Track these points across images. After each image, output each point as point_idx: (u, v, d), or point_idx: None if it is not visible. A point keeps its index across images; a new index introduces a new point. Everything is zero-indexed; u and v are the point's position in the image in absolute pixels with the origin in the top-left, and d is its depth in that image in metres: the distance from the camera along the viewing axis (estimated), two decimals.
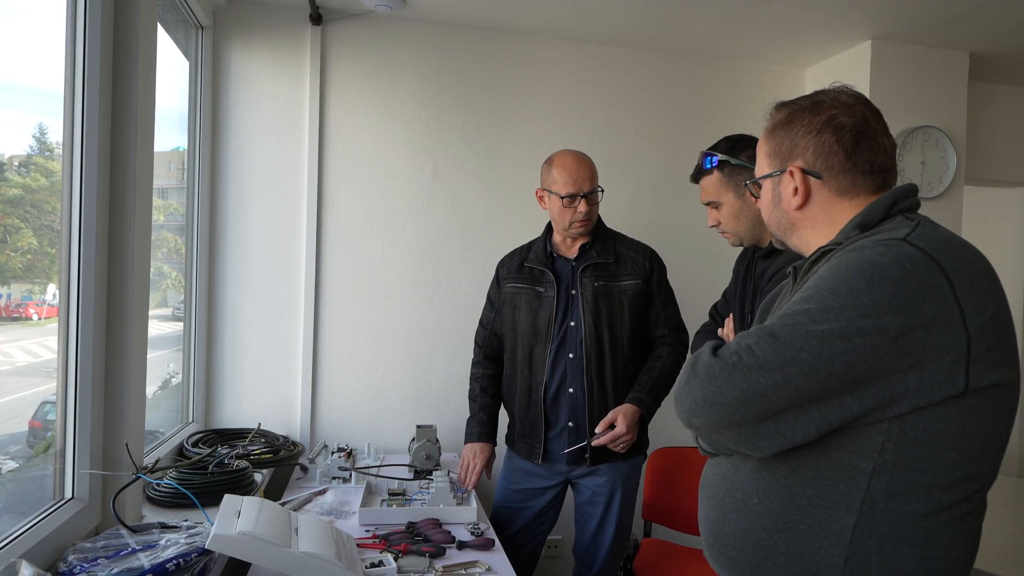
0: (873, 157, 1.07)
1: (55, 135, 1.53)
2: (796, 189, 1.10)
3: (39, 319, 1.56)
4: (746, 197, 1.66)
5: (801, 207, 1.11)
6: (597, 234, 2.16)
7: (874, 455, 0.94)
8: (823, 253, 1.05)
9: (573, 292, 2.12)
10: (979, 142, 3.29)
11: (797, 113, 1.12)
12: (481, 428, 2.25)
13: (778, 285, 1.26)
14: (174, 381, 2.55)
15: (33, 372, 1.62)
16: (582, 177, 2.06)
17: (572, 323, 2.10)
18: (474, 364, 2.36)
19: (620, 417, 2.00)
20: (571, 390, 2.09)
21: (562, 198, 2.06)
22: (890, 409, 0.92)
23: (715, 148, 1.71)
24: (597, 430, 2.01)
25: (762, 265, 1.69)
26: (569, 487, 2.24)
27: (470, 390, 2.33)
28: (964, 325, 0.90)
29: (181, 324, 2.57)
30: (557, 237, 2.20)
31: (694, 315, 3.04)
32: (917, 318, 0.89)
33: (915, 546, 0.94)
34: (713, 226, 1.76)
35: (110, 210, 1.59)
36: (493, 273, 2.36)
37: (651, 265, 2.16)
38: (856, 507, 0.95)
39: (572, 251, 2.17)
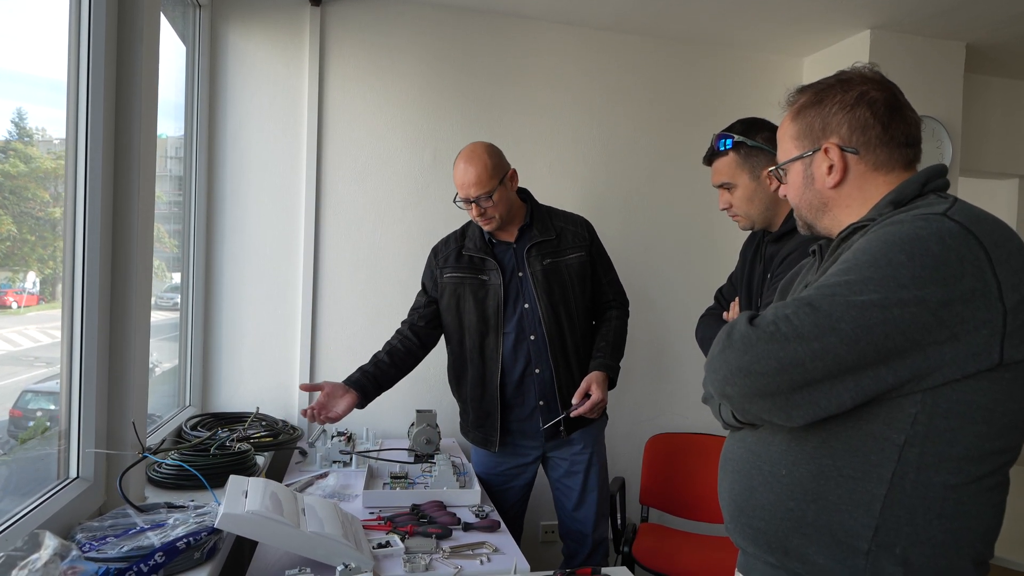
0: (907, 130, 1.08)
1: (34, 120, 1.51)
2: (831, 167, 1.10)
3: (18, 308, 1.53)
4: (761, 179, 1.66)
5: (837, 185, 1.11)
6: (533, 214, 2.17)
7: (906, 427, 0.95)
8: (855, 229, 1.05)
9: (520, 274, 2.12)
10: (972, 133, 3.32)
11: (826, 91, 1.12)
12: (360, 375, 2.13)
13: (798, 264, 1.26)
14: (158, 371, 2.53)
15: (13, 361, 1.59)
16: (467, 183, 2.04)
17: (527, 305, 2.11)
18: (395, 331, 2.30)
19: (594, 385, 2.04)
20: (538, 371, 2.11)
21: (456, 200, 2.09)
22: (924, 381, 0.93)
23: (730, 130, 1.70)
24: (574, 401, 2.04)
25: (772, 248, 1.69)
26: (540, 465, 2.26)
27: (380, 349, 2.25)
28: (1001, 299, 0.90)
29: (164, 313, 2.54)
30: None
31: (691, 302, 3.07)
32: (956, 291, 0.90)
33: (944, 517, 0.96)
34: (724, 209, 1.76)
35: (114, 194, 1.58)
36: None
37: (589, 235, 2.20)
38: (887, 478, 0.96)
39: (511, 234, 2.16)
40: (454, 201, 2.12)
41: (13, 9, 1.51)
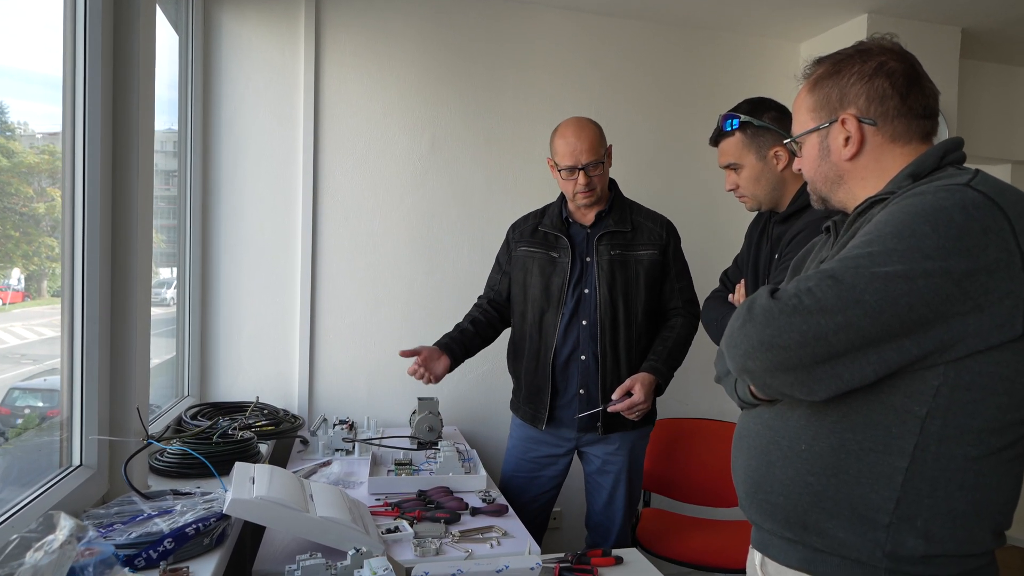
0: (925, 101, 1.07)
1: (16, 115, 1.48)
2: (848, 139, 1.09)
3: (3, 304, 1.50)
4: (768, 159, 1.65)
5: (853, 157, 1.10)
6: (614, 202, 2.13)
7: (928, 399, 0.94)
8: (873, 203, 1.04)
9: (588, 259, 2.09)
10: (966, 119, 3.33)
11: (845, 62, 1.10)
12: (448, 340, 2.19)
13: (810, 242, 1.26)
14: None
15: None
16: (579, 149, 2.01)
17: (586, 290, 2.08)
18: (474, 305, 2.34)
19: (638, 385, 1.98)
20: (583, 357, 2.08)
21: (561, 170, 2.05)
22: (948, 353, 0.92)
23: (736, 110, 1.69)
24: (614, 397, 1.99)
25: (779, 229, 1.69)
26: (576, 456, 2.23)
27: (460, 321, 2.29)
28: None
29: (152, 309, 2.50)
30: (571, 204, 2.16)
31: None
32: (980, 261, 0.89)
33: (965, 488, 0.96)
34: (731, 190, 1.75)
35: (113, 182, 1.55)
36: (495, 245, 2.34)
37: (667, 236, 2.14)
38: (909, 451, 0.95)
39: (588, 218, 2.13)
40: (557, 169, 2.06)
41: None
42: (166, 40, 2.44)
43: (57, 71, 1.51)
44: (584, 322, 2.07)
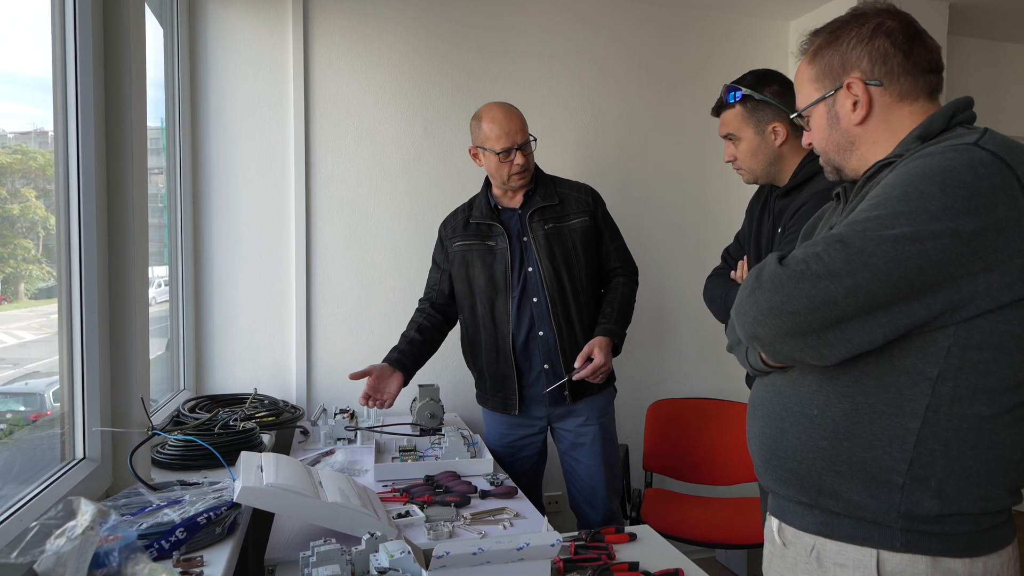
0: (928, 55, 1.07)
1: None
2: (856, 102, 1.09)
3: None
4: (766, 134, 1.65)
5: (863, 121, 1.09)
6: (538, 180, 2.18)
7: (939, 360, 0.94)
8: (882, 166, 1.04)
9: (525, 239, 2.14)
10: (952, 94, 3.31)
11: (842, 28, 1.10)
12: (399, 355, 2.19)
13: (821, 208, 1.25)
14: None
15: None
16: (514, 129, 2.05)
17: (530, 268, 2.13)
18: (416, 311, 2.34)
19: (596, 349, 2.05)
20: (541, 333, 2.12)
21: (497, 153, 2.06)
22: (958, 313, 0.92)
23: (740, 81, 1.69)
24: (576, 364, 2.05)
25: (781, 203, 1.69)
26: (550, 437, 2.27)
27: (405, 329, 2.29)
28: None
29: None
30: (497, 191, 2.20)
31: (686, 267, 3.07)
32: (989, 221, 0.89)
33: (979, 448, 0.96)
34: (729, 161, 1.75)
35: (108, 175, 1.53)
36: None
37: (593, 202, 2.20)
38: (921, 412, 0.96)
39: (516, 200, 2.18)
40: (493, 154, 2.06)
41: None
42: (151, 34, 2.38)
43: (27, 68, 1.48)
44: (535, 299, 2.12)
